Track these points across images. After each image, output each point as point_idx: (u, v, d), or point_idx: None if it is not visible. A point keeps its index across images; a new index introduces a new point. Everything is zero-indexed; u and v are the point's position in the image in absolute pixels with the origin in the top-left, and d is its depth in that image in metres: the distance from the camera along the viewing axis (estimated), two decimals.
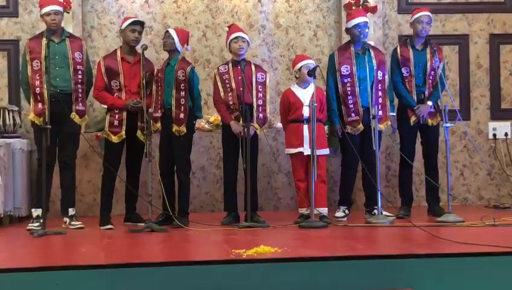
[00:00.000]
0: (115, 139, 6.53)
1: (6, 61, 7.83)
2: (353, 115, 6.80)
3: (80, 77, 6.51)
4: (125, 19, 6.73)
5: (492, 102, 8.31)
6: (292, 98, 6.67)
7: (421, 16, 6.98)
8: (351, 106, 6.80)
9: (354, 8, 7.73)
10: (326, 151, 6.65)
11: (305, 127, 6.54)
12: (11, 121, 7.16)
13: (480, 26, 8.32)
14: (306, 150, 6.51)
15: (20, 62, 6.83)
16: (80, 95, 6.53)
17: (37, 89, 6.39)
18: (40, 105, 6.38)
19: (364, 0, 7.86)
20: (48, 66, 6.27)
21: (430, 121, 6.98)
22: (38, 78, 6.38)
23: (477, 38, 8.32)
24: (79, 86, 6.51)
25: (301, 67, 6.69)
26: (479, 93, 8.32)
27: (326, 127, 6.98)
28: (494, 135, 8.25)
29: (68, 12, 7.48)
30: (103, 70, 6.60)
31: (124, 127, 6.53)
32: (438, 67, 6.94)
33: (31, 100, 6.44)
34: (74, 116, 6.47)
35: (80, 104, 6.52)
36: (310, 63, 6.65)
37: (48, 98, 6.15)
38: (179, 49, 6.60)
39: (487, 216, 6.24)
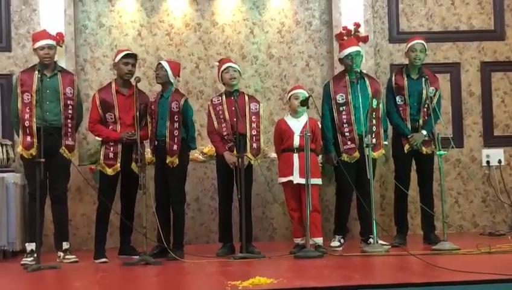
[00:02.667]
0: (110, 171, 6.52)
1: (0, 95, 7.84)
2: (349, 142, 6.81)
3: (70, 111, 6.51)
4: (118, 52, 6.76)
5: (485, 129, 8.34)
6: (284, 127, 6.70)
7: (415, 44, 7.02)
8: (347, 134, 6.82)
9: (345, 38, 7.78)
10: (318, 181, 6.65)
11: (295, 155, 6.55)
12: (5, 155, 7.14)
13: (471, 54, 8.38)
14: (295, 179, 6.51)
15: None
16: (70, 130, 6.52)
17: (27, 122, 6.38)
18: (28, 138, 6.38)
19: (356, 30, 7.93)
20: (39, 100, 6.28)
21: (424, 150, 6.97)
22: (28, 111, 6.38)
23: (469, 66, 8.38)
24: (69, 120, 6.51)
25: (290, 96, 6.73)
26: (472, 120, 8.35)
27: (320, 157, 6.99)
28: (488, 162, 8.26)
29: (61, 46, 7.52)
30: (98, 103, 6.60)
31: (119, 160, 6.52)
32: (434, 96, 6.98)
33: (20, 133, 6.43)
34: (64, 150, 6.45)
35: (70, 138, 6.52)
36: (299, 92, 6.69)
37: (38, 132, 6.17)
38: (172, 81, 6.62)
39: (482, 243, 6.23)
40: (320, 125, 6.82)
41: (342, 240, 6.92)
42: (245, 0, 8.32)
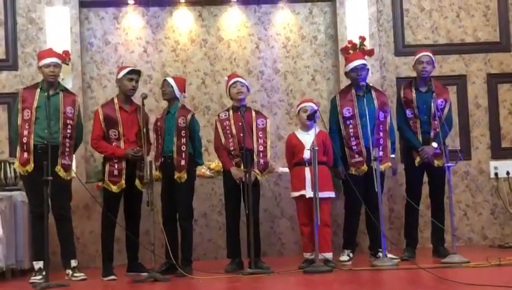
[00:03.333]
0: (114, 189, 6.49)
1: (7, 114, 7.87)
2: (357, 156, 6.80)
3: (69, 131, 6.49)
4: (122, 68, 6.76)
5: (493, 141, 8.32)
6: (294, 141, 6.68)
7: (421, 56, 7.03)
8: (354, 147, 6.80)
9: (351, 51, 7.79)
10: (331, 194, 6.61)
11: (307, 169, 6.52)
12: (12, 174, 7.15)
13: (477, 66, 8.37)
14: (308, 193, 6.48)
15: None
16: (67, 149, 6.49)
17: (25, 138, 6.38)
18: (25, 155, 6.37)
19: (361, 44, 7.93)
20: (39, 117, 6.31)
21: (436, 162, 6.94)
22: (27, 127, 6.38)
23: (475, 78, 8.37)
24: (67, 140, 6.48)
25: (299, 110, 6.73)
26: (479, 132, 8.33)
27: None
28: (496, 174, 8.24)
29: (67, 64, 7.54)
30: (102, 118, 6.58)
31: (123, 177, 6.50)
32: (444, 107, 6.96)
33: (18, 149, 6.42)
34: (59, 169, 6.40)
35: (67, 158, 6.47)
36: (308, 105, 6.67)
37: (35, 149, 6.23)
38: (178, 97, 6.63)
39: (492, 256, 6.20)
40: None
41: (351, 254, 6.89)
42: (250, 16, 8.35)
